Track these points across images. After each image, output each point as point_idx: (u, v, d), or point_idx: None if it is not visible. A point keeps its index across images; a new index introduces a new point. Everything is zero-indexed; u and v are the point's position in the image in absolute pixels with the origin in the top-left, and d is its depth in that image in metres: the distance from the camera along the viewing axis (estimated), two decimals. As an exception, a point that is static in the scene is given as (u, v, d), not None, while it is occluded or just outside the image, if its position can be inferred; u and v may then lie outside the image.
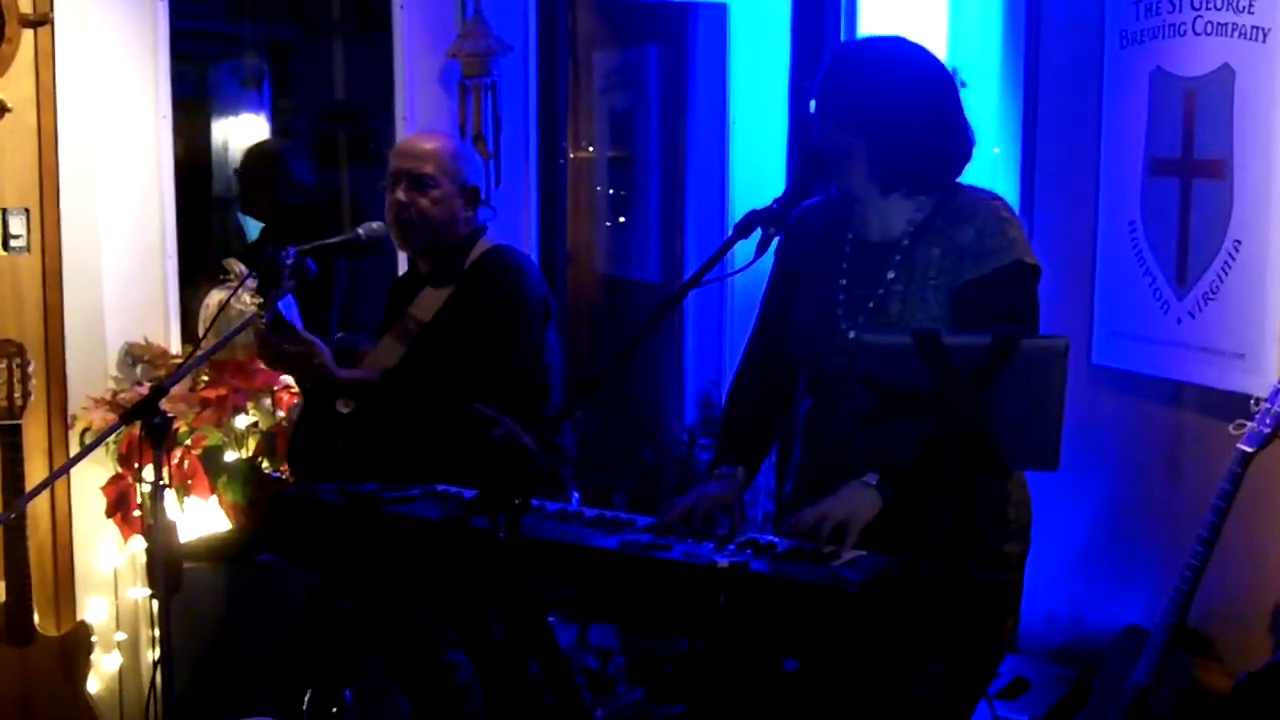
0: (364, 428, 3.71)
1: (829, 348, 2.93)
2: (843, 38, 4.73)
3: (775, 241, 2.82)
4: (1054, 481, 2.91)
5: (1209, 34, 3.62)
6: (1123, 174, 3.91)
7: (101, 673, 4.47)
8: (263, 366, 4.44)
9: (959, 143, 2.93)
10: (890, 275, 2.89)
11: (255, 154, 5.76)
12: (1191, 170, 3.71)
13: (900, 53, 2.93)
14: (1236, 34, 3.54)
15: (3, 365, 4.13)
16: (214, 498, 4.35)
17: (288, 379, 4.46)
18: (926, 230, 2.88)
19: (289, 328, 3.62)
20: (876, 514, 2.74)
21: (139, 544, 4.41)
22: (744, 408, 3.16)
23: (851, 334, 2.90)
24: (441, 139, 3.91)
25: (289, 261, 3.53)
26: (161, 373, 4.42)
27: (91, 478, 4.37)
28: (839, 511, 2.72)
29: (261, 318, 3.62)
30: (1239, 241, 3.54)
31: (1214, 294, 3.62)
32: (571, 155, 5.99)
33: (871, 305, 2.89)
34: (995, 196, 2.94)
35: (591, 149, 6.22)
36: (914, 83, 2.88)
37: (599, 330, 6.15)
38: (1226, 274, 3.58)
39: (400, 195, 3.79)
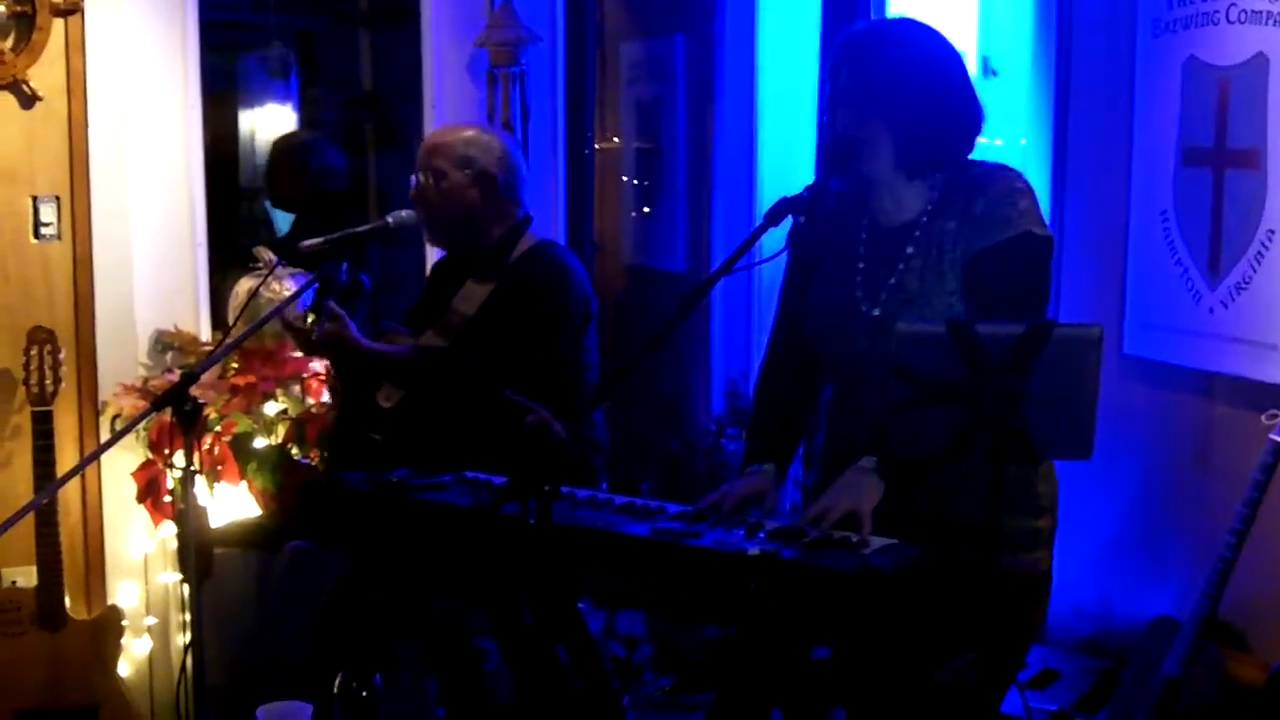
0: (405, 421, 3.72)
1: (850, 330, 2.92)
2: (872, 27, 4.71)
3: (789, 233, 2.82)
4: (1084, 472, 2.89)
5: (1243, 22, 3.60)
6: (1155, 164, 3.89)
7: (132, 657, 4.50)
8: (292, 354, 4.47)
9: (973, 117, 2.92)
10: (909, 251, 2.88)
11: (282, 146, 5.77)
12: (1225, 160, 3.68)
13: (909, 33, 2.93)
14: (1271, 22, 3.51)
15: (34, 352, 4.16)
16: (244, 484, 4.37)
17: (316, 366, 4.47)
18: (943, 206, 2.88)
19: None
20: (880, 496, 2.74)
21: (169, 529, 4.43)
22: (769, 404, 3.15)
23: (875, 313, 2.89)
24: (456, 130, 3.93)
25: (345, 280, 3.57)
26: (191, 360, 4.45)
27: (122, 464, 4.40)
28: (846, 503, 2.72)
29: (312, 326, 3.66)
30: (1272, 231, 3.52)
31: (1247, 284, 3.60)
32: (598, 145, 5.98)
33: (892, 282, 2.88)
34: (1008, 168, 2.92)
35: (617, 140, 6.21)
36: (927, 62, 2.88)
37: (625, 320, 6.15)
38: (1259, 264, 3.56)
39: (416, 190, 3.82)
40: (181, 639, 4.53)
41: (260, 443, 4.40)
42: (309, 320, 3.70)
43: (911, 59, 2.86)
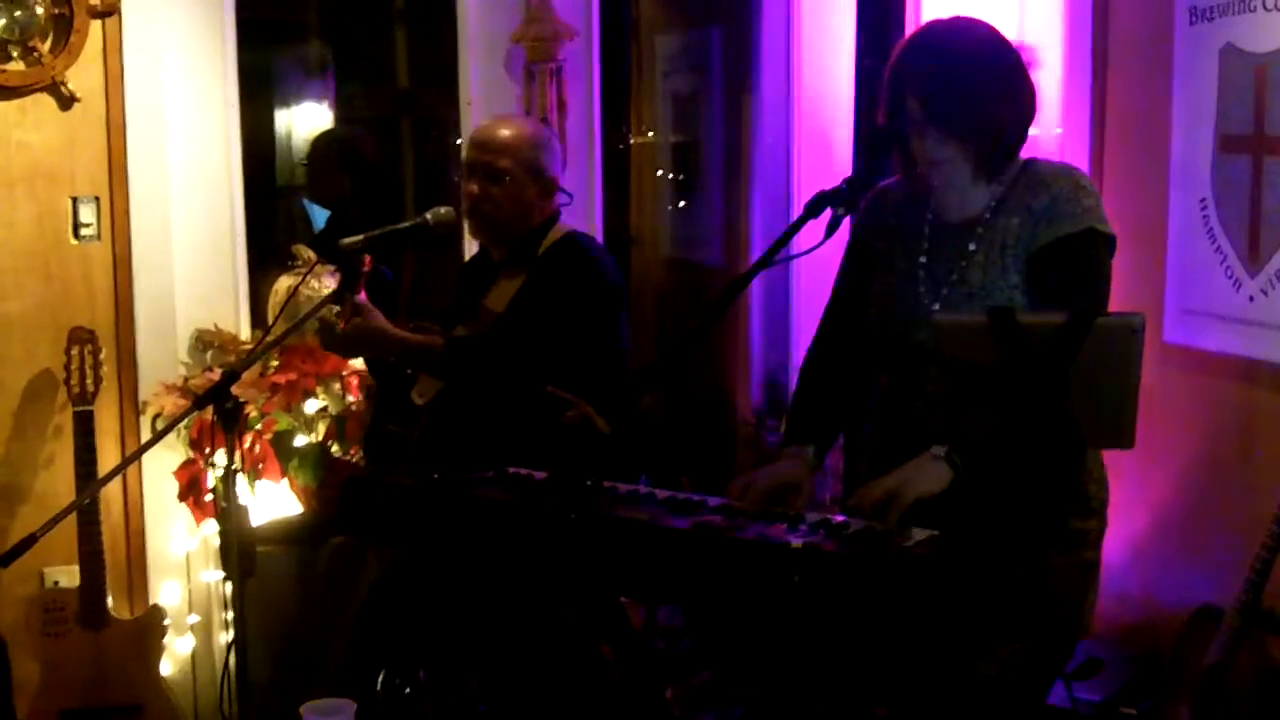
0: (439, 418, 3.71)
1: (912, 322, 2.91)
2: (909, 17, 4.69)
3: (851, 220, 2.80)
4: (1126, 460, 2.88)
5: (1281, 9, 3.58)
6: (1193, 151, 3.87)
7: (175, 655, 4.53)
8: (332, 351, 4.49)
9: (1034, 111, 2.91)
10: (972, 247, 2.87)
11: (322, 142, 5.79)
12: (1263, 147, 3.66)
13: (975, 41, 2.89)
14: (1310, 8, 3.49)
15: (75, 352, 4.19)
16: (285, 481, 4.39)
17: (356, 363, 4.48)
18: (1006, 203, 2.87)
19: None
20: (945, 486, 2.67)
21: (211, 528, 4.46)
22: (816, 386, 3.12)
23: (935, 306, 2.88)
24: (518, 127, 3.86)
25: (365, 270, 3.55)
26: (231, 358, 4.46)
27: (163, 463, 4.42)
28: (893, 482, 2.68)
29: (336, 316, 3.65)
30: (1313, 218, 3.51)
31: (1288, 271, 3.58)
32: (634, 139, 5.99)
33: (954, 277, 2.88)
34: (1073, 168, 2.93)
35: (653, 133, 6.21)
36: (999, 70, 2.85)
37: (663, 314, 6.15)
38: (1301, 251, 3.54)
39: (474, 188, 3.77)
40: (224, 637, 4.56)
41: (301, 440, 4.42)
42: (335, 312, 3.68)
43: (985, 68, 2.83)
